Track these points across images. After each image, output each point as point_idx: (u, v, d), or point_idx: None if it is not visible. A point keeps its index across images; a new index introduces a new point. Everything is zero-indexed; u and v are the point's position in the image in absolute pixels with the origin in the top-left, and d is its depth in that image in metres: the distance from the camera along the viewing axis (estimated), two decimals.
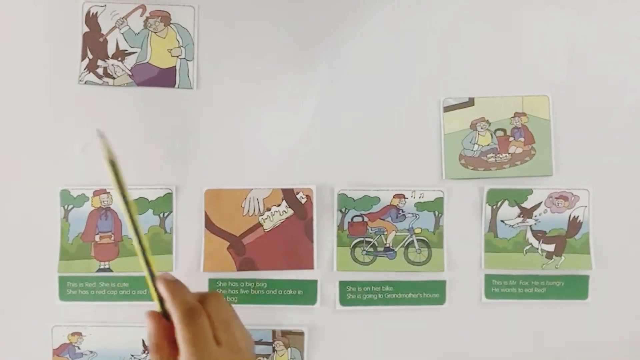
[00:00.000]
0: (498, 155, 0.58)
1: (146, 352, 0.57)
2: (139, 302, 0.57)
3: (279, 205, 0.57)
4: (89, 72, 0.57)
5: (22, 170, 0.57)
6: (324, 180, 0.57)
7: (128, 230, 0.44)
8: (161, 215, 0.57)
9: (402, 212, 0.58)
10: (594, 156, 0.58)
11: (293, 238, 0.57)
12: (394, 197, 0.58)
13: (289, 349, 0.57)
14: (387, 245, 0.58)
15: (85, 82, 0.57)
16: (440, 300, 0.57)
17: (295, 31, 0.59)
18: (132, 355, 0.57)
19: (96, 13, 0.57)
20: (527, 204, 0.58)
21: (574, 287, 0.58)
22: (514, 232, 0.58)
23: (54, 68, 0.57)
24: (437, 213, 0.58)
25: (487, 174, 0.58)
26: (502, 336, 0.57)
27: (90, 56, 0.57)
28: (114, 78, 0.57)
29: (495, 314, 0.57)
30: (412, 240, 0.58)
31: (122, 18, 0.58)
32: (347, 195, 0.58)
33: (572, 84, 0.58)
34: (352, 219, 0.58)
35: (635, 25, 0.58)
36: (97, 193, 0.57)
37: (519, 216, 0.58)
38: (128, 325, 0.57)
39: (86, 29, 0.57)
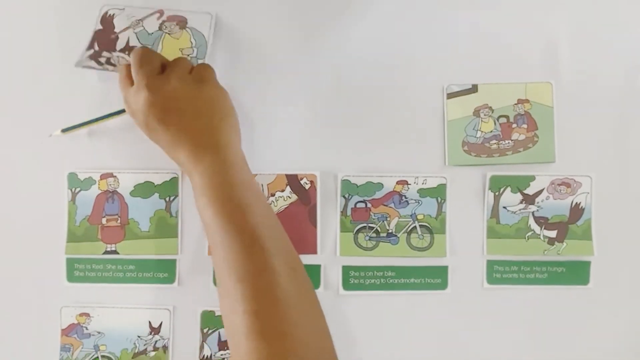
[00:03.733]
0: (501, 142, 0.58)
1: (152, 333, 0.58)
2: (146, 284, 0.58)
3: (283, 191, 0.58)
4: (91, 60, 0.57)
5: (31, 154, 0.58)
6: (327, 166, 0.58)
7: None
8: (167, 199, 0.58)
9: (405, 198, 0.58)
10: (597, 143, 0.58)
11: (297, 223, 0.58)
12: (397, 183, 0.58)
13: None
14: (390, 230, 0.58)
15: (83, 67, 0.56)
16: (443, 286, 0.58)
17: (301, 20, 0.59)
18: (139, 337, 0.58)
19: (113, 15, 0.58)
20: (530, 191, 0.58)
21: (576, 273, 0.58)
22: (516, 218, 0.58)
23: (64, 54, 0.58)
24: (439, 199, 0.58)
25: (490, 160, 0.58)
26: (503, 321, 0.58)
27: (97, 48, 0.57)
28: (115, 66, 0.57)
29: (496, 300, 0.58)
30: (415, 226, 0.58)
31: (138, 20, 0.58)
32: (350, 182, 0.58)
33: (576, 70, 0.58)
34: (355, 204, 0.58)
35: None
36: (104, 176, 0.58)
37: (521, 202, 0.58)
38: (135, 307, 0.58)
39: (99, 27, 0.58)
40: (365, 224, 0.58)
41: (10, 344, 0.58)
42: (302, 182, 0.58)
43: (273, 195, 0.58)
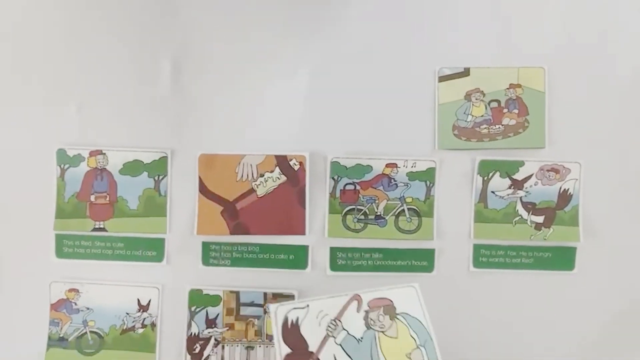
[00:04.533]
0: (491, 126, 0.58)
1: (141, 310, 0.59)
2: (134, 262, 0.58)
3: (272, 172, 0.58)
4: None
5: (20, 129, 0.58)
6: (317, 147, 0.58)
7: None
8: (156, 178, 0.58)
9: (394, 181, 0.58)
10: (587, 130, 0.58)
11: (286, 204, 0.58)
12: (386, 166, 0.58)
13: None
14: (378, 213, 0.59)
15: None
16: (429, 268, 0.58)
17: (293, 2, 0.58)
18: (128, 314, 0.58)
19: None
20: (518, 176, 0.58)
21: (561, 258, 0.58)
22: (504, 203, 0.58)
23: (56, 29, 0.58)
24: (428, 183, 0.58)
25: (480, 145, 0.58)
26: (489, 305, 0.59)
27: None
28: None
29: (482, 283, 0.58)
30: (403, 209, 0.59)
31: None
32: (339, 163, 0.58)
33: (568, 56, 0.57)
34: (344, 186, 0.58)
35: None
36: (93, 154, 0.57)
37: (509, 187, 0.58)
38: (124, 284, 0.58)
39: None
40: (353, 206, 0.58)
41: None
42: (291, 163, 0.58)
43: (262, 175, 0.58)
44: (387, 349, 0.44)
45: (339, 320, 0.43)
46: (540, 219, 0.58)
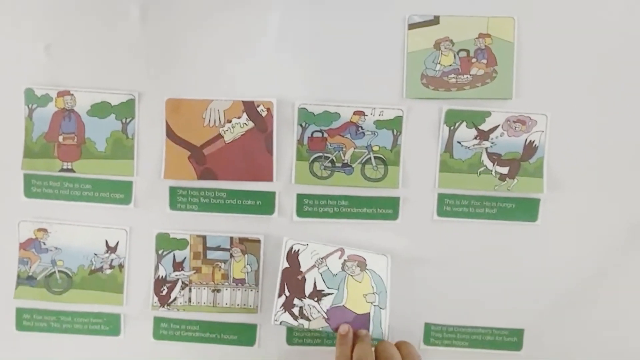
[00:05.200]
0: (459, 76, 0.58)
1: (109, 252, 0.59)
2: (102, 204, 0.59)
3: (239, 118, 0.58)
4: (285, 313, 0.56)
5: None
6: (285, 93, 0.58)
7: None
8: (123, 120, 0.58)
9: (362, 129, 0.59)
10: (556, 82, 0.58)
11: (253, 150, 0.59)
12: (354, 113, 0.58)
13: (246, 255, 0.60)
14: (345, 161, 0.59)
15: (280, 323, 0.60)
16: (394, 216, 0.59)
17: None
18: (96, 254, 0.59)
19: (298, 250, 0.57)
20: (485, 127, 0.58)
21: (525, 210, 0.59)
22: (470, 153, 0.59)
23: None
24: (395, 132, 0.59)
25: (448, 94, 0.58)
26: (452, 253, 0.60)
27: (287, 293, 0.56)
28: (309, 320, 0.57)
29: (446, 232, 0.59)
30: (370, 158, 0.59)
31: (322, 258, 0.57)
32: (307, 110, 0.58)
33: (539, 6, 0.57)
34: (312, 134, 0.59)
35: None
36: (61, 94, 0.58)
37: (475, 138, 0.59)
38: (92, 225, 0.59)
39: (286, 265, 0.57)
40: (321, 154, 0.59)
41: None
42: (258, 109, 0.58)
43: (229, 121, 0.58)
44: (351, 286, 0.57)
45: (325, 259, 0.57)
46: (504, 170, 0.59)
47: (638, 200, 0.59)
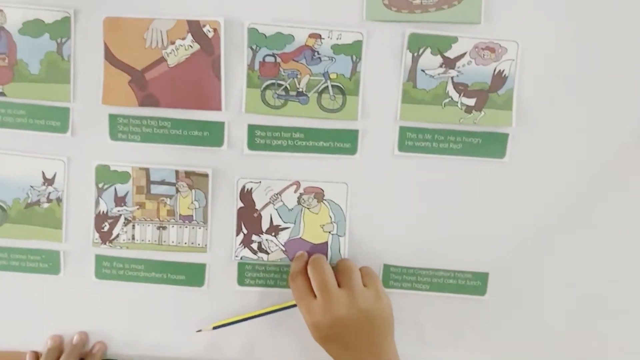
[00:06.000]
0: None
1: (46, 184, 0.56)
2: (37, 132, 0.54)
3: (184, 39, 0.53)
4: (245, 249, 0.57)
5: None
6: (233, 12, 0.53)
7: None
8: (58, 40, 0.53)
9: (318, 54, 0.54)
10: (528, 6, 0.53)
11: (199, 75, 0.54)
12: (309, 36, 0.54)
13: (193, 190, 0.56)
14: (300, 89, 0.55)
15: (241, 259, 0.51)
16: (352, 150, 0.55)
17: None
18: (32, 187, 0.55)
19: (251, 189, 0.56)
20: (451, 54, 0.54)
21: (492, 145, 0.55)
22: (434, 83, 0.54)
23: None
24: (354, 58, 0.54)
25: (411, 17, 0.53)
26: (414, 190, 0.56)
27: (245, 231, 0.57)
28: (267, 253, 0.58)
29: (407, 168, 0.55)
30: (327, 86, 0.55)
31: (277, 194, 0.56)
32: (258, 31, 0.53)
33: None
34: (263, 58, 0.54)
35: None
36: None
37: (440, 66, 0.54)
38: (27, 155, 0.55)
39: (240, 205, 0.56)
40: (274, 80, 0.54)
41: None
42: (204, 29, 0.53)
43: (173, 43, 0.53)
44: (308, 218, 0.57)
45: (280, 195, 0.57)
46: (471, 102, 0.54)
47: (611, 136, 0.55)
